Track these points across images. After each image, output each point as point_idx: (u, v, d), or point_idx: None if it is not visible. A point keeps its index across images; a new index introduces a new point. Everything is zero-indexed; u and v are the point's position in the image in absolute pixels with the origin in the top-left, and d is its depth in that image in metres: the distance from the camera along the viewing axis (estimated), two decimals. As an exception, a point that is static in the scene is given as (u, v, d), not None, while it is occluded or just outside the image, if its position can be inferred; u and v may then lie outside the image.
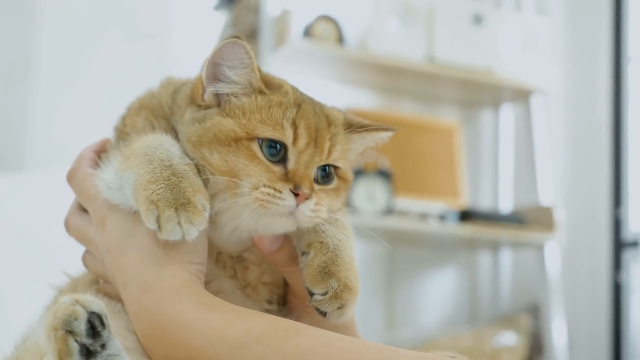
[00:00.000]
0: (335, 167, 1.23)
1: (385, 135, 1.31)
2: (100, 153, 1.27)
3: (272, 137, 1.15)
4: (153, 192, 1.08)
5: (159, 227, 1.06)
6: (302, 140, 1.17)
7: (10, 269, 2.15)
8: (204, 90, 1.19)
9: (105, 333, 0.98)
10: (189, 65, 1.25)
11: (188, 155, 1.17)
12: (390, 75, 3.98)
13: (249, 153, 1.14)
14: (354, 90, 4.12)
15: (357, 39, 3.85)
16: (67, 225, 1.30)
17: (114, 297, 1.21)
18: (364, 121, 1.29)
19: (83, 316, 0.96)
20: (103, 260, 1.19)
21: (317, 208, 1.16)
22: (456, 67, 3.94)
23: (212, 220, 1.16)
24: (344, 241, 1.17)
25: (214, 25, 3.75)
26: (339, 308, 1.11)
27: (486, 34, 4.03)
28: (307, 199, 1.14)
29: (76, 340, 0.95)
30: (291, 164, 1.16)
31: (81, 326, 0.96)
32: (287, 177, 1.15)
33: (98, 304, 0.99)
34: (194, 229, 1.07)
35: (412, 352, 0.99)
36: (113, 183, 1.17)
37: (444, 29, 3.94)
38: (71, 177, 1.27)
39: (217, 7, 3.80)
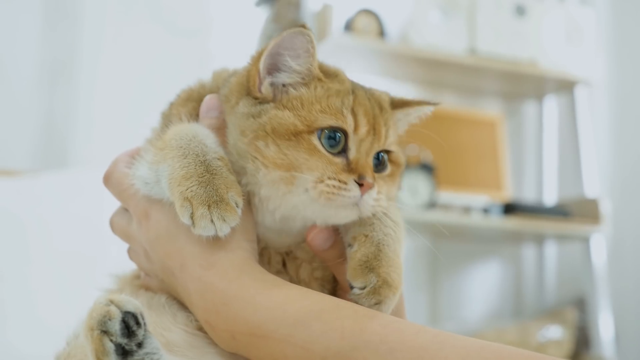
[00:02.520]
0: (388, 152, 1.23)
1: (428, 110, 1.30)
2: (134, 157, 1.28)
3: (334, 124, 1.14)
4: (187, 189, 1.09)
5: (193, 223, 1.08)
6: (363, 128, 1.16)
7: (53, 264, 2.18)
8: (260, 82, 1.18)
9: (140, 332, 0.99)
10: (230, 61, 1.25)
11: (239, 144, 1.16)
12: (432, 68, 3.97)
13: (309, 147, 1.13)
14: (395, 84, 4.09)
15: (398, 33, 3.85)
16: (112, 225, 1.32)
17: (155, 290, 1.22)
18: (406, 98, 1.29)
19: (117, 316, 0.97)
20: (147, 252, 1.21)
21: (378, 197, 1.16)
22: (499, 59, 3.91)
23: (258, 208, 1.17)
24: (390, 236, 1.16)
25: (254, 21, 3.76)
26: (377, 304, 1.09)
27: (529, 25, 4.00)
28: (370, 188, 1.13)
29: (111, 340, 0.97)
30: (352, 153, 1.15)
31: (115, 326, 0.97)
32: (349, 167, 1.14)
33: (133, 303, 1.00)
34: (226, 226, 1.08)
35: (467, 337, 1.01)
36: (149, 178, 1.18)
37: (486, 20, 3.91)
38: (107, 179, 1.29)
39: (258, 4, 3.81)
